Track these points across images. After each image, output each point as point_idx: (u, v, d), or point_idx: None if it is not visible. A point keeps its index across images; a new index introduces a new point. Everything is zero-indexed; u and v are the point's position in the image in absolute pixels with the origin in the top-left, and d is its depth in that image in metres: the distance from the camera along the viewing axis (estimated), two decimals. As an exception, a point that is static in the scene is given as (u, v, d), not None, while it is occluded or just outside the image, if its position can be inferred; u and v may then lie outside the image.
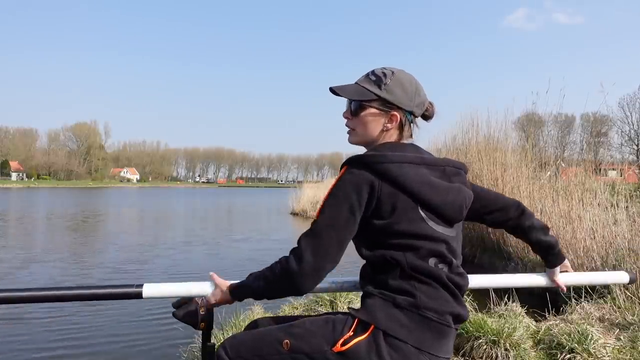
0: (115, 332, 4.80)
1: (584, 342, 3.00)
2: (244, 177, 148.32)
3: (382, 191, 1.23)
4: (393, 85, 1.33)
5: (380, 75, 1.35)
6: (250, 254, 10.27)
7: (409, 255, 1.23)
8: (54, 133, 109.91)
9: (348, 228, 1.24)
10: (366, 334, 1.19)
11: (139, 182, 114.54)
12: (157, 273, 7.98)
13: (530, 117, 9.55)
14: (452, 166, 1.35)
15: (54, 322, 5.10)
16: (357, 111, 1.36)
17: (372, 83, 1.34)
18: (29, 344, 4.50)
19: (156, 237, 13.01)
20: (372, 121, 1.35)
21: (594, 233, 5.66)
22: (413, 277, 1.23)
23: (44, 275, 7.59)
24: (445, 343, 1.23)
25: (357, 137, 1.39)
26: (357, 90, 1.35)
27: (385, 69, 1.36)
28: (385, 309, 1.21)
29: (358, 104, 1.36)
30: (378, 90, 1.33)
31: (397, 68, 1.39)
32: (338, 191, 1.25)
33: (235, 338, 1.35)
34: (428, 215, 1.26)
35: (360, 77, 1.39)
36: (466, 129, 9.90)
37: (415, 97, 1.35)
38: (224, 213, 26.24)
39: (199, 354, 2.41)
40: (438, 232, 1.27)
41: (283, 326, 1.31)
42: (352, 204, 1.23)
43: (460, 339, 3.11)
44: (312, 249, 1.22)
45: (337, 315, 1.28)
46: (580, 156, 8.84)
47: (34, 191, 54.76)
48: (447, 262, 1.28)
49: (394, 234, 1.24)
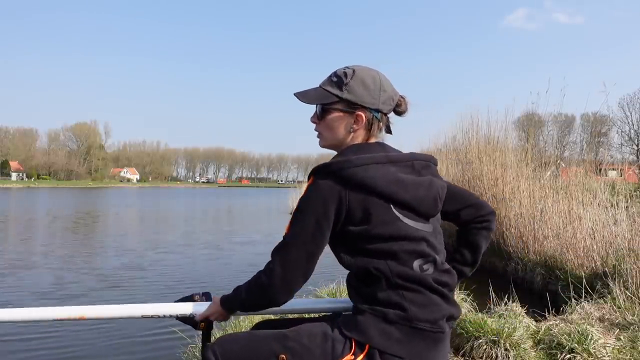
0: (115, 332, 4.81)
1: (584, 342, 3.00)
2: (244, 177, 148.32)
3: (350, 198, 1.21)
4: (354, 84, 1.30)
5: (341, 75, 1.31)
6: (252, 258, 10.06)
7: (392, 263, 1.21)
8: (54, 133, 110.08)
9: (315, 241, 1.23)
10: (363, 354, 1.17)
11: (139, 182, 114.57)
12: (156, 280, 7.82)
13: (530, 117, 9.56)
14: (420, 159, 1.32)
15: (54, 322, 5.10)
16: (323, 115, 1.34)
17: (334, 85, 1.32)
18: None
19: (156, 240, 12.77)
20: (338, 124, 1.32)
21: (594, 233, 5.67)
22: (400, 286, 1.20)
23: (32, 282, 7.38)
24: (441, 349, 1.22)
25: (326, 141, 1.37)
26: (320, 94, 1.33)
27: (346, 68, 1.33)
28: (378, 325, 1.18)
29: (322, 107, 1.34)
30: (339, 91, 1.30)
31: (360, 65, 1.34)
32: (305, 205, 1.25)
33: (227, 342, 1.28)
34: (403, 214, 1.24)
35: (324, 79, 1.36)
36: (466, 129, 9.92)
37: (380, 94, 1.31)
38: (224, 214, 26.27)
39: (199, 354, 2.41)
40: (416, 230, 1.25)
41: (279, 336, 1.24)
42: (318, 218, 1.22)
43: (460, 339, 3.11)
44: (282, 263, 1.23)
45: (335, 331, 1.22)
46: (580, 156, 8.83)
47: (33, 191, 54.76)
48: (431, 260, 1.25)
49: (371, 238, 1.21)
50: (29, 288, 6.89)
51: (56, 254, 9.90)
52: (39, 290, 6.78)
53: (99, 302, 5.97)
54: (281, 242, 1.26)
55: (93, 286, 6.99)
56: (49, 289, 6.83)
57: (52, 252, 10.21)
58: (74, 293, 6.60)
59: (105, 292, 6.73)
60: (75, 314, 1.37)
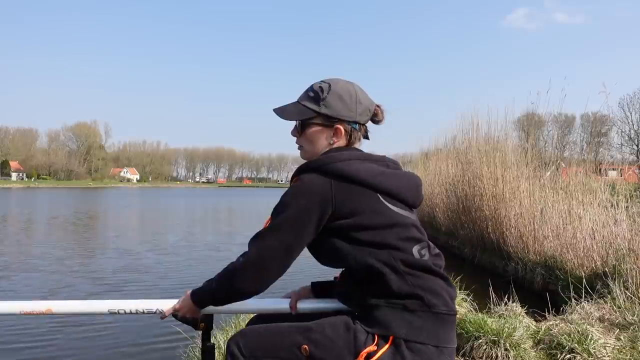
0: (114, 332, 4.80)
1: (584, 342, 3.00)
2: (244, 177, 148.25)
3: (336, 190, 1.23)
4: (331, 99, 1.33)
5: (318, 90, 1.35)
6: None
7: (394, 252, 1.23)
8: (54, 133, 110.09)
9: (295, 233, 1.23)
10: (387, 345, 1.19)
11: (139, 182, 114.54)
12: (156, 281, 7.79)
13: (530, 117, 9.55)
14: (391, 161, 1.38)
15: (56, 321, 5.09)
16: (303, 129, 1.38)
17: (311, 100, 1.36)
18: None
19: (156, 241, 12.70)
20: (318, 137, 1.37)
21: (594, 233, 5.66)
22: (408, 274, 1.22)
23: (31, 283, 7.31)
24: (453, 330, 1.26)
25: (307, 154, 1.40)
26: (298, 110, 1.37)
27: (322, 83, 1.37)
28: (398, 317, 1.20)
29: (301, 122, 1.38)
30: (317, 106, 1.34)
31: (335, 79, 1.38)
32: (287, 197, 1.26)
33: (249, 334, 1.30)
34: (391, 202, 1.28)
35: (302, 93, 1.40)
36: (466, 129, 9.92)
37: (356, 107, 1.35)
38: (224, 214, 26.26)
39: (199, 354, 2.41)
40: (405, 217, 1.29)
41: (300, 328, 1.25)
42: (300, 209, 1.22)
43: (460, 339, 3.11)
44: (257, 250, 1.24)
45: (357, 323, 1.23)
46: (581, 156, 8.83)
47: (33, 191, 54.76)
48: (425, 245, 1.31)
49: (366, 228, 1.23)
50: (27, 290, 6.85)
51: (55, 255, 9.87)
52: (38, 291, 6.74)
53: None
54: (260, 231, 1.27)
55: (89, 288, 6.90)
56: (48, 290, 6.81)
57: (49, 252, 10.13)
58: (72, 294, 6.59)
59: (105, 292, 6.72)
60: (41, 308, 1.37)
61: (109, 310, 1.38)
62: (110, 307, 1.38)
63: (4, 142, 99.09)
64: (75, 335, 4.72)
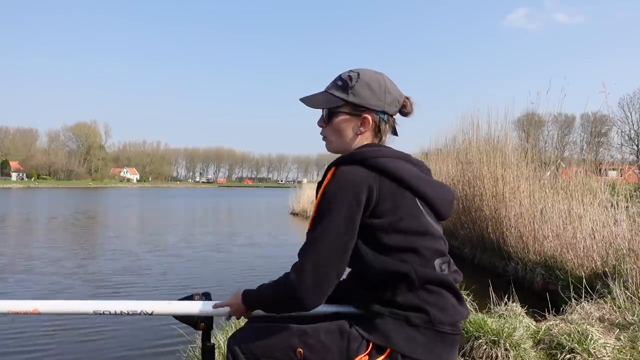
0: (114, 332, 4.80)
1: (584, 342, 3.00)
2: (244, 177, 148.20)
3: (381, 185, 1.18)
4: (359, 87, 1.30)
5: (346, 79, 1.32)
6: (253, 261, 10.00)
7: (416, 263, 1.18)
8: (54, 133, 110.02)
9: (348, 233, 1.17)
10: (383, 357, 1.16)
11: (139, 182, 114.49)
12: (157, 285, 7.73)
13: (530, 117, 9.55)
14: (426, 168, 1.35)
15: (56, 322, 5.10)
16: (330, 118, 1.34)
17: (339, 88, 1.32)
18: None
19: (158, 243, 12.62)
20: (345, 127, 1.32)
21: (594, 233, 5.66)
22: (422, 288, 1.19)
23: (24, 285, 7.25)
24: (456, 350, 1.24)
25: (333, 145, 1.36)
26: (325, 99, 1.33)
27: (351, 72, 1.34)
28: (400, 329, 1.17)
29: (328, 111, 1.34)
30: (345, 95, 1.31)
31: (364, 69, 1.35)
32: (332, 194, 1.18)
33: (249, 333, 1.31)
34: (425, 210, 1.25)
35: (330, 83, 1.37)
36: (467, 129, 9.92)
37: (385, 96, 1.31)
38: (225, 214, 26.26)
39: (199, 354, 2.40)
40: (435, 228, 1.26)
41: (297, 331, 1.25)
42: (349, 206, 1.16)
43: (461, 339, 3.11)
44: (313, 260, 1.16)
45: (352, 329, 1.21)
46: (581, 156, 8.83)
47: (33, 191, 54.76)
48: (447, 260, 1.27)
49: (397, 232, 1.18)
50: (25, 292, 6.83)
51: (52, 256, 9.86)
52: (37, 293, 6.71)
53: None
54: (309, 238, 1.19)
55: (87, 291, 6.88)
56: (48, 292, 6.80)
57: (47, 253, 10.09)
58: (68, 296, 6.58)
59: (103, 294, 6.72)
60: (27, 308, 1.37)
61: (94, 311, 1.36)
62: (96, 307, 1.36)
63: (4, 142, 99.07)
64: (76, 337, 4.72)
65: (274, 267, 8.99)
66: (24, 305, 1.37)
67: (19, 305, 1.38)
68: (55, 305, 1.40)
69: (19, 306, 1.37)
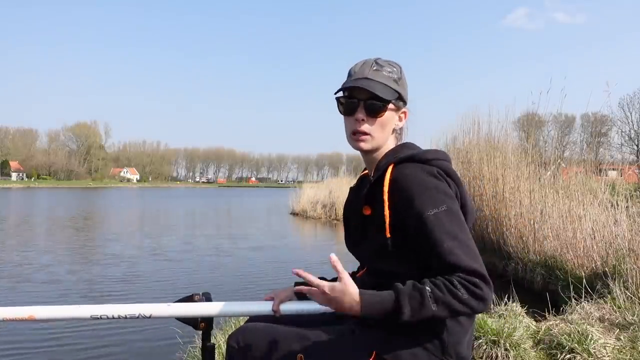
0: (114, 332, 4.80)
1: (584, 342, 3.00)
2: (247, 177, 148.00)
3: (457, 192, 1.15)
4: (405, 78, 1.23)
5: (391, 68, 1.21)
6: (254, 262, 9.94)
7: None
8: (54, 133, 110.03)
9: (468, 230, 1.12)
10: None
11: (139, 182, 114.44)
12: (157, 286, 7.58)
13: (530, 117, 9.55)
14: None
15: (54, 325, 5.10)
16: (378, 112, 1.19)
17: (389, 79, 1.20)
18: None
19: (157, 243, 12.54)
20: (389, 122, 1.22)
21: (594, 233, 5.66)
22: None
23: (23, 290, 7.04)
24: None
25: (374, 142, 1.21)
26: (384, 88, 1.18)
27: (389, 61, 1.23)
28: (409, 349, 1.10)
29: (381, 104, 1.18)
30: (397, 85, 1.20)
31: (389, 60, 1.26)
32: (439, 192, 1.09)
33: (249, 333, 1.27)
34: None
35: (368, 69, 1.20)
36: (467, 129, 9.91)
37: (407, 87, 1.26)
38: (225, 214, 26.25)
39: (199, 354, 2.40)
40: None
41: (298, 336, 1.20)
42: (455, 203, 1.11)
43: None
44: (478, 263, 1.05)
45: (354, 336, 1.16)
46: (581, 156, 8.83)
47: (33, 191, 54.73)
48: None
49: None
50: (19, 297, 6.82)
51: (51, 256, 9.87)
52: (36, 298, 6.70)
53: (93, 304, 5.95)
54: (453, 244, 1.05)
55: (85, 293, 6.83)
56: (45, 293, 6.79)
57: (44, 256, 9.98)
58: (65, 297, 6.57)
59: (103, 297, 6.72)
60: (23, 315, 1.33)
61: (91, 315, 1.34)
62: (93, 312, 1.34)
63: (4, 142, 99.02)
64: (75, 338, 4.71)
65: (274, 267, 9.00)
66: (19, 312, 1.33)
67: (14, 312, 1.33)
68: (51, 311, 1.36)
69: (14, 313, 1.33)
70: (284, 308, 1.37)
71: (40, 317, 1.34)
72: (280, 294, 1.40)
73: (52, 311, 1.36)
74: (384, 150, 1.24)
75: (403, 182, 1.11)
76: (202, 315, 1.38)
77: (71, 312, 1.36)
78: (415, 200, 1.08)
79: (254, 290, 6.89)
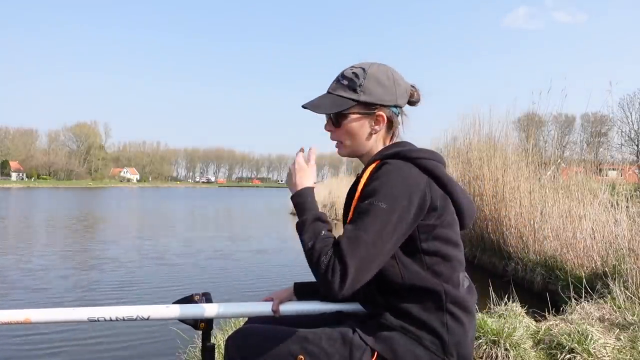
0: (113, 333, 4.80)
1: (584, 342, 3.00)
2: (250, 177, 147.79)
3: (432, 190, 1.13)
4: (369, 84, 1.21)
5: (352, 77, 1.23)
6: (254, 262, 9.93)
7: (446, 275, 1.14)
8: (54, 133, 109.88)
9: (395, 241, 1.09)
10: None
11: (139, 182, 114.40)
12: (157, 286, 7.57)
13: (530, 117, 9.55)
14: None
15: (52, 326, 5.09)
16: (339, 122, 1.25)
17: (346, 88, 1.23)
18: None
19: (157, 244, 12.48)
20: (358, 128, 1.24)
21: (594, 233, 5.66)
22: (446, 310, 1.13)
23: (22, 292, 6.90)
24: None
25: (347, 149, 1.28)
26: (334, 102, 1.23)
27: (354, 68, 1.24)
28: (410, 348, 1.11)
29: (336, 114, 1.24)
30: (354, 94, 1.21)
31: (367, 62, 1.26)
32: (388, 192, 1.07)
33: (248, 334, 1.26)
34: (455, 219, 1.20)
35: (332, 83, 1.27)
36: (467, 129, 9.91)
37: (395, 89, 1.24)
38: (226, 215, 26.23)
39: (199, 354, 2.40)
40: (459, 238, 1.21)
41: (298, 336, 1.20)
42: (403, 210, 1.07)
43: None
44: (355, 261, 1.03)
45: (355, 336, 1.16)
46: (581, 156, 8.83)
47: (33, 191, 54.68)
48: (466, 274, 1.23)
49: (438, 239, 1.14)
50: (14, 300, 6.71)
51: (50, 258, 9.85)
52: (34, 296, 6.66)
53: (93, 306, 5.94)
54: (354, 234, 1.05)
55: (83, 295, 6.76)
56: (46, 300, 6.72)
57: (41, 258, 9.90)
58: (63, 298, 6.53)
59: (101, 298, 6.71)
60: (19, 318, 1.29)
61: (89, 318, 1.32)
62: (90, 314, 1.32)
63: (4, 142, 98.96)
64: (73, 340, 4.69)
65: (275, 266, 8.99)
66: (15, 315, 1.29)
67: (9, 315, 1.29)
68: (47, 313, 1.33)
69: (9, 316, 1.29)
70: (284, 309, 1.37)
71: (37, 320, 1.31)
72: (280, 295, 1.42)
73: (48, 314, 1.33)
74: (373, 151, 1.27)
75: (377, 173, 1.14)
76: (201, 317, 1.37)
77: (68, 314, 1.33)
78: (373, 189, 1.10)
79: (254, 290, 6.88)
